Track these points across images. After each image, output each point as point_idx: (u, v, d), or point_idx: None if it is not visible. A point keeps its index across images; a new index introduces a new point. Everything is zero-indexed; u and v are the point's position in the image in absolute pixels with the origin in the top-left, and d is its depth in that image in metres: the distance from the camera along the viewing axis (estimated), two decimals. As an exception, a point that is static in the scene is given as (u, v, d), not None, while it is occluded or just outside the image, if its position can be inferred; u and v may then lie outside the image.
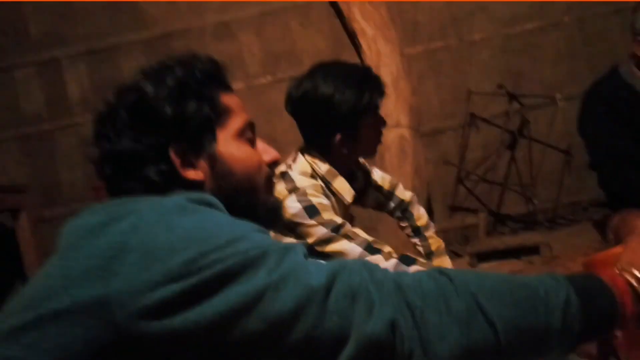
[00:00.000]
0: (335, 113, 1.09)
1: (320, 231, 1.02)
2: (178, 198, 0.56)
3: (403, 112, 2.45)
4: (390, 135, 2.45)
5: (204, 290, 0.48)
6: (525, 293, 0.51)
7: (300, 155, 1.17)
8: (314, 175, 1.14)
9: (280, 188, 1.09)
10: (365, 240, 1.01)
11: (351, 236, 1.02)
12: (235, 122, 0.69)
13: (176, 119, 0.64)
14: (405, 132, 2.44)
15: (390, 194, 1.48)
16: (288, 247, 0.53)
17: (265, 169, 0.72)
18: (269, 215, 0.72)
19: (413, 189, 2.45)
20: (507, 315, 0.49)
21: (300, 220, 1.03)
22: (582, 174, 2.65)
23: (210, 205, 0.57)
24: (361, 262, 0.54)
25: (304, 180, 1.10)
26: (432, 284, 0.51)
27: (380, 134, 1.20)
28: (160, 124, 0.64)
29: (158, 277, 0.48)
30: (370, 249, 1.00)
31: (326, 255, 1.01)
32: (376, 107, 1.15)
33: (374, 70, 1.40)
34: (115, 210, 0.55)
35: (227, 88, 0.71)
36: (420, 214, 1.52)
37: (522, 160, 2.65)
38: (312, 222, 1.02)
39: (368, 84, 1.13)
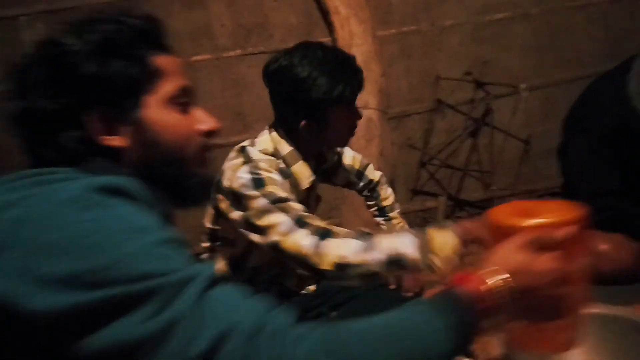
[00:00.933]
0: (304, 98, 1.07)
1: (260, 202, 1.00)
2: (81, 185, 0.51)
3: (372, 93, 2.47)
4: (357, 116, 2.47)
5: (95, 312, 0.45)
6: (404, 339, 0.52)
7: (267, 132, 1.16)
8: (276, 154, 1.12)
9: (236, 161, 1.08)
10: (297, 214, 1.00)
11: (287, 210, 1.00)
12: (167, 86, 0.63)
13: (98, 79, 0.58)
14: (373, 114, 2.45)
15: (360, 174, 1.49)
16: (183, 283, 0.47)
17: (198, 139, 0.66)
18: (198, 188, 0.67)
19: (377, 171, 2.50)
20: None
21: (245, 191, 1.02)
22: (539, 163, 2.76)
23: (119, 193, 0.52)
24: (253, 327, 0.47)
25: (260, 157, 1.09)
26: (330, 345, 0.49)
27: (353, 127, 1.18)
28: (79, 83, 0.58)
29: (38, 282, 0.45)
30: (300, 222, 0.98)
31: (261, 230, 1.01)
32: (349, 100, 1.12)
33: (345, 49, 1.39)
34: (9, 194, 0.50)
35: (163, 49, 0.65)
36: (387, 195, 1.55)
37: (483, 148, 2.73)
38: (256, 193, 1.01)
39: (345, 75, 1.10)
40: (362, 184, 1.50)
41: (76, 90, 0.58)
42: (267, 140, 1.14)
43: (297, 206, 1.02)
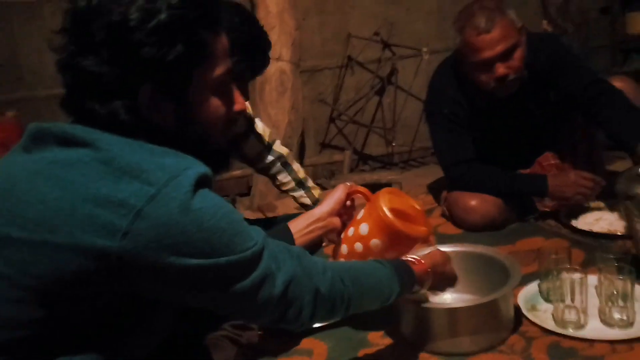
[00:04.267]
0: None
1: None
2: (189, 175, 0.59)
3: (285, 45, 2.49)
4: (271, 68, 2.49)
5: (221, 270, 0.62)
6: (378, 287, 0.84)
7: None
8: None
9: None
10: None
11: None
12: (218, 70, 0.65)
13: (155, 58, 0.59)
14: (286, 67, 2.49)
15: (269, 146, 1.52)
16: (263, 247, 0.66)
17: (229, 121, 0.71)
18: (221, 158, 0.73)
19: (289, 124, 2.57)
20: (365, 304, 0.82)
21: None
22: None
23: (207, 184, 0.62)
24: (301, 266, 0.71)
25: None
26: (337, 287, 0.75)
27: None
28: (136, 59, 0.59)
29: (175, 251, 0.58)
30: None
31: None
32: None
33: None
34: (127, 161, 0.57)
35: (217, 29, 0.66)
36: (299, 167, 1.60)
37: (387, 106, 2.91)
38: None
39: None
40: (271, 158, 1.52)
41: (133, 64, 0.59)
42: None
43: None
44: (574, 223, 1.57)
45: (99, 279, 0.57)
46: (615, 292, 1.05)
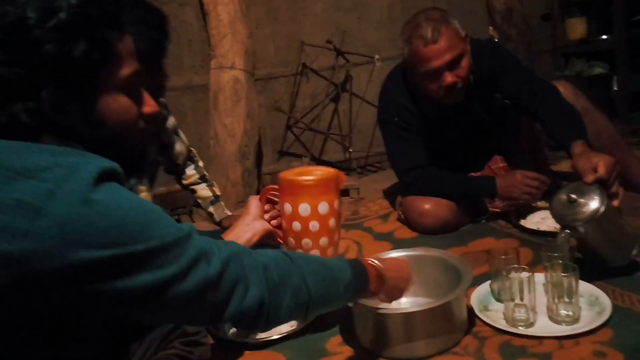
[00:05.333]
0: None
1: None
2: (90, 169, 0.55)
3: (239, 54, 2.48)
4: (225, 77, 2.47)
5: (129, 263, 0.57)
6: (330, 274, 0.81)
7: None
8: None
9: None
10: None
11: None
12: (122, 70, 0.63)
13: (57, 58, 0.57)
14: (240, 75, 2.48)
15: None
16: (190, 233, 0.63)
17: (141, 123, 0.69)
18: (134, 163, 0.70)
19: (245, 132, 2.55)
20: (319, 288, 0.77)
21: None
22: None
23: (116, 179, 0.59)
24: (243, 248, 0.71)
25: None
26: (282, 264, 0.74)
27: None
28: (37, 58, 0.56)
29: (77, 245, 0.53)
30: None
31: None
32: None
33: (211, 7, 1.34)
34: (30, 161, 0.53)
35: (121, 29, 0.64)
36: (201, 163, 1.73)
37: (342, 113, 2.93)
38: None
39: None
40: (177, 148, 1.63)
41: (33, 65, 0.56)
42: None
43: None
44: (523, 222, 1.62)
45: (14, 290, 0.53)
46: (560, 289, 1.09)
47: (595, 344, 1.00)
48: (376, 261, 0.94)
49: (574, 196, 1.21)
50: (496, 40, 2.71)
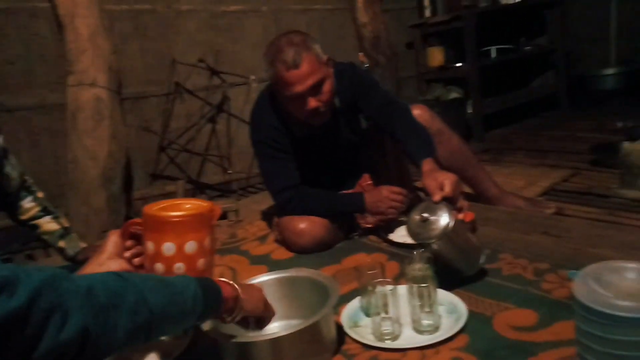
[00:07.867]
0: None
1: None
2: None
3: (101, 70, 2.28)
4: (85, 95, 2.25)
5: None
6: (172, 289, 0.76)
7: None
8: None
9: None
10: None
11: None
12: None
13: None
14: (103, 93, 2.28)
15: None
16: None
17: None
18: None
19: (110, 154, 2.34)
20: (161, 305, 0.72)
21: None
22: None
23: None
24: (61, 272, 0.62)
25: None
26: (113, 284, 0.67)
27: None
28: None
29: None
30: None
31: None
32: None
33: (67, 20, 1.22)
34: None
35: None
36: (40, 194, 1.53)
37: (221, 133, 2.86)
38: None
39: None
40: (15, 183, 1.45)
41: None
42: None
43: None
44: (391, 236, 1.69)
45: None
46: (421, 300, 1.13)
47: (453, 351, 1.04)
48: (229, 280, 0.91)
49: (425, 215, 1.29)
50: (367, 65, 2.86)
